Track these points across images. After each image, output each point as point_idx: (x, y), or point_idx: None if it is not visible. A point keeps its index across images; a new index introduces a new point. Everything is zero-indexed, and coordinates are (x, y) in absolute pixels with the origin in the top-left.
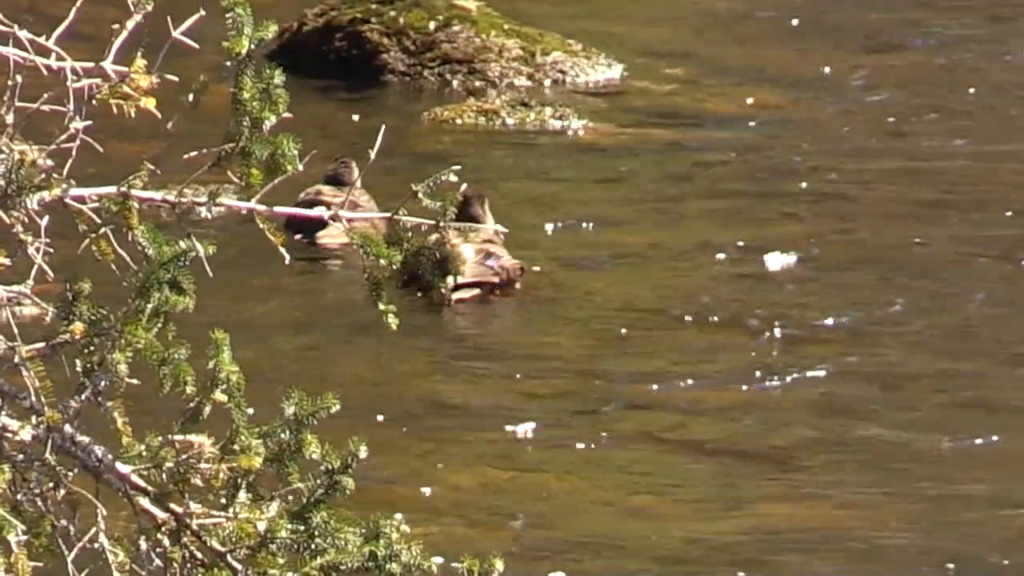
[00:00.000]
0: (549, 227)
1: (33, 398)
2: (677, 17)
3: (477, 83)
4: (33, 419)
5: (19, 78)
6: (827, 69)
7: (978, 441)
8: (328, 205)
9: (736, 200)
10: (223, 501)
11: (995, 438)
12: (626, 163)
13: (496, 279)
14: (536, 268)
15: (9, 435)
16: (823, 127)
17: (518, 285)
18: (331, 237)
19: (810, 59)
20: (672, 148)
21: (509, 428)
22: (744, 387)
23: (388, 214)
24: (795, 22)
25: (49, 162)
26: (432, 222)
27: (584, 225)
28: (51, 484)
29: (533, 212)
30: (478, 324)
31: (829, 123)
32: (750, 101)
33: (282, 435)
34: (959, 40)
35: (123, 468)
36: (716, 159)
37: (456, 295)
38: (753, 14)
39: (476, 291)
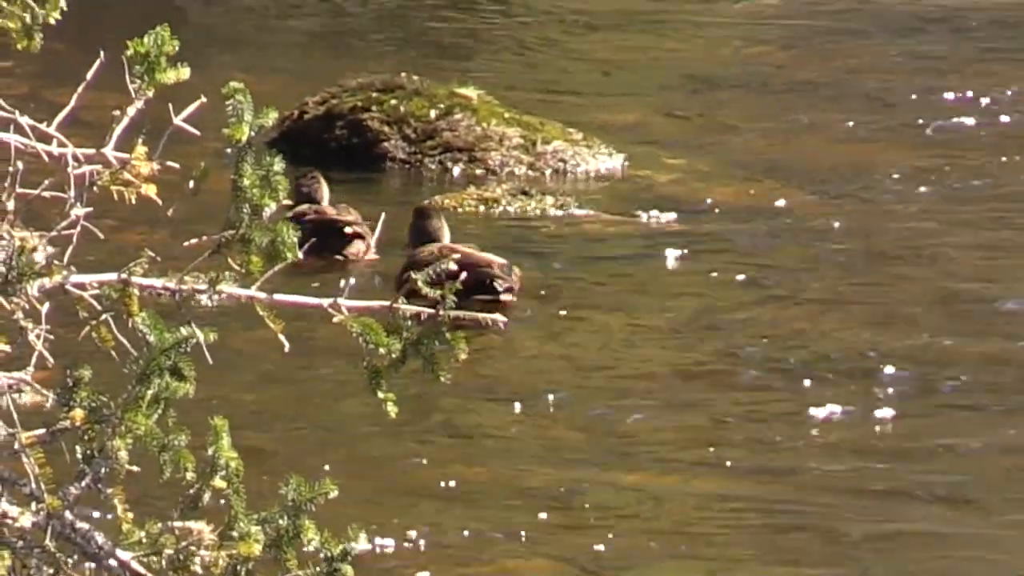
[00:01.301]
0: (550, 315)
1: (33, 484)
2: (678, 108)
3: (478, 171)
4: (33, 505)
5: (20, 164)
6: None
7: None
8: (350, 224)
9: (736, 291)
10: None
11: None
12: (626, 252)
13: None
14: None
15: (9, 521)
16: (824, 218)
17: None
18: (354, 253)
19: (812, 151)
20: (672, 237)
21: None
22: None
23: (388, 303)
24: (805, 120)
25: (50, 249)
26: (431, 310)
27: (586, 313)
28: (51, 571)
29: (536, 300)
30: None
31: (828, 215)
32: (751, 192)
33: (280, 521)
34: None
35: (123, 555)
36: (715, 248)
37: (506, 296)
38: (756, 106)
39: (512, 297)
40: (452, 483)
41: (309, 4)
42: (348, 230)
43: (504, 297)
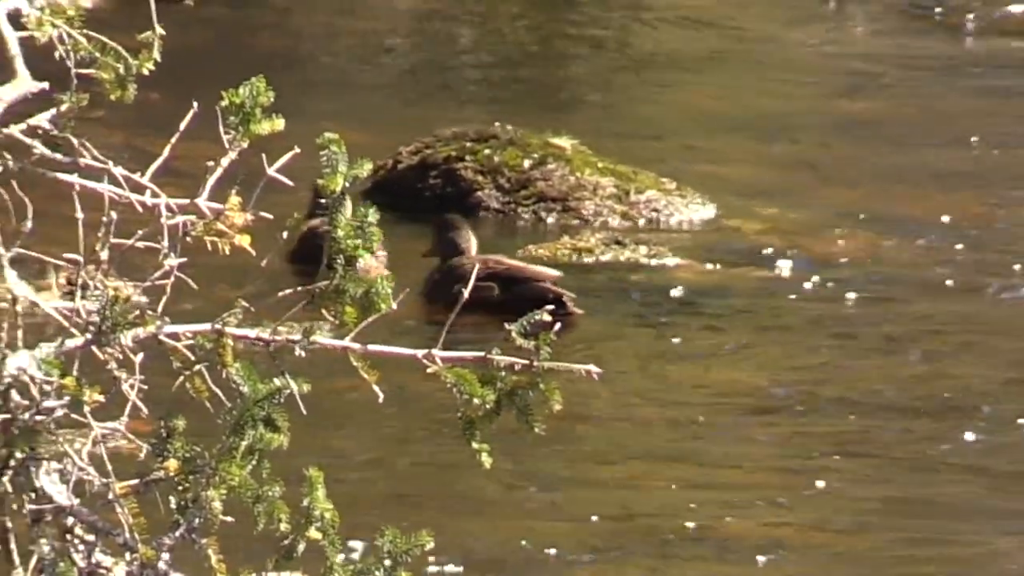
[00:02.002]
0: (642, 364)
1: (127, 534)
2: (771, 157)
3: (572, 221)
4: (127, 556)
5: (114, 214)
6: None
7: None
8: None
9: (827, 339)
10: None
11: None
12: (719, 302)
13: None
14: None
15: (103, 572)
16: (917, 269)
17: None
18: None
19: (903, 199)
20: (765, 288)
21: None
22: None
23: (481, 353)
24: (897, 167)
25: (143, 299)
26: (526, 361)
27: (676, 366)
28: None
29: (630, 351)
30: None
31: (923, 264)
32: (842, 243)
33: (377, 573)
34: None
35: None
36: (809, 300)
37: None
38: (850, 155)
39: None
40: (549, 532)
41: (403, 55)
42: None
43: (573, 309)
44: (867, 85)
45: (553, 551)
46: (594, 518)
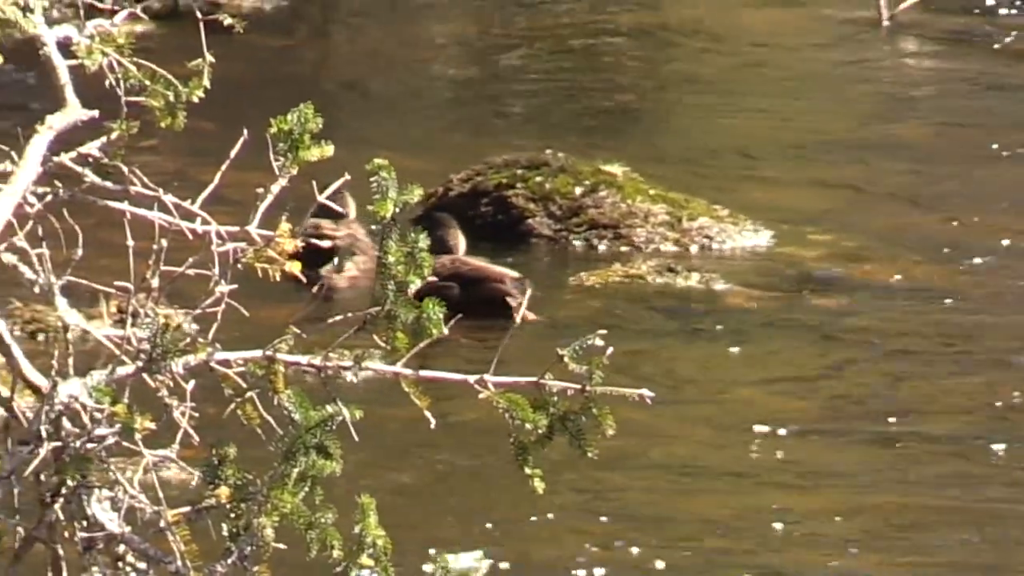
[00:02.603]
0: (694, 389)
1: (179, 562)
2: (823, 181)
3: (623, 248)
4: None
5: (164, 242)
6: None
7: None
8: (331, 238)
9: (883, 362)
10: None
11: None
12: (772, 330)
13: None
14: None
15: None
16: (973, 297)
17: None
18: (336, 273)
19: (962, 225)
20: (819, 313)
21: None
22: None
23: (534, 379)
24: (955, 191)
25: (194, 326)
26: (578, 386)
27: (730, 391)
28: None
29: (682, 376)
30: None
31: (981, 286)
32: (898, 270)
33: None
34: None
35: None
36: (862, 324)
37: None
38: (905, 179)
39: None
40: (608, 558)
41: (453, 82)
42: (326, 243)
43: (517, 315)
44: (919, 108)
45: None
46: (655, 541)
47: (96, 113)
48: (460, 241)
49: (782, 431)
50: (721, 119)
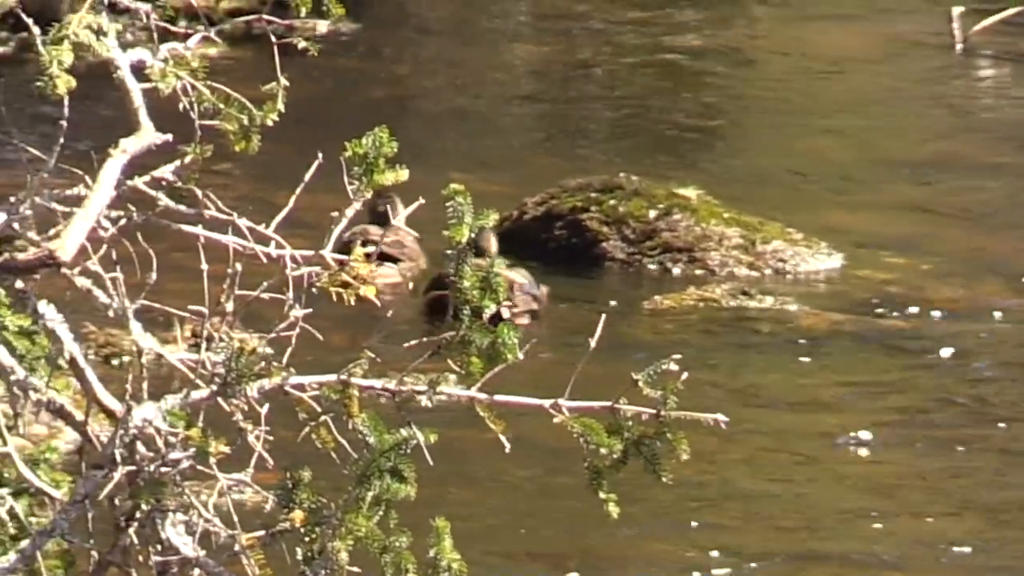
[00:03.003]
0: (769, 412)
1: None
2: (896, 204)
3: (697, 271)
4: None
5: (239, 266)
6: None
7: None
8: (376, 243)
9: (958, 386)
10: None
11: None
12: (847, 353)
13: (537, 306)
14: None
15: None
16: None
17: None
18: (384, 277)
19: None
20: (892, 338)
21: None
22: None
23: (609, 403)
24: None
25: (269, 350)
26: (653, 411)
27: (805, 414)
28: None
29: (757, 400)
30: None
31: None
32: (973, 292)
33: None
34: None
35: None
36: (938, 348)
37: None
38: (979, 201)
39: (526, 320)
40: None
41: (526, 105)
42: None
43: (505, 314)
44: (993, 130)
45: None
46: (735, 559)
47: (170, 137)
48: (492, 243)
49: (862, 450)
50: (794, 141)
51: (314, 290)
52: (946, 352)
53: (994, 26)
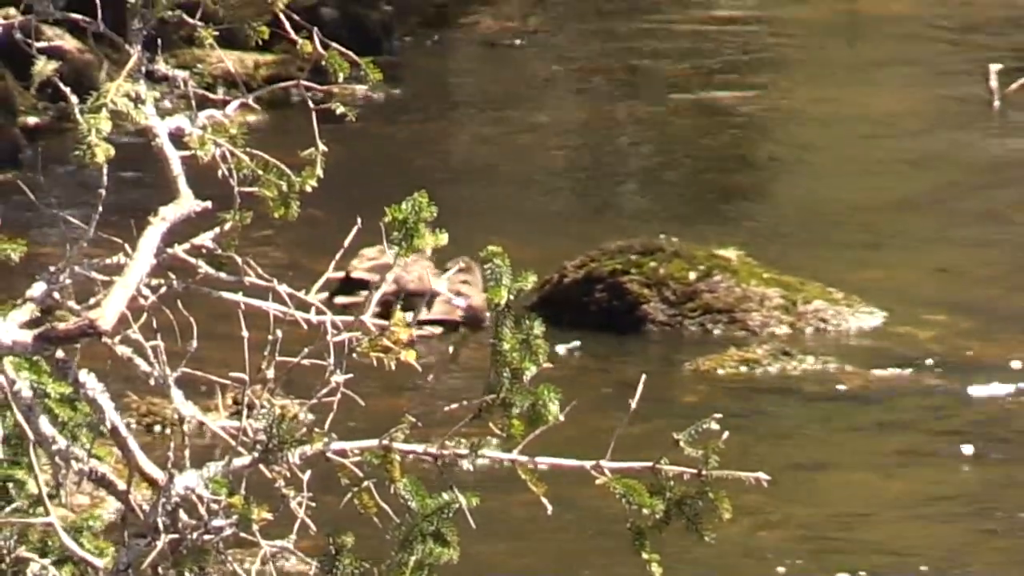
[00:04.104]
0: (812, 476)
1: None
2: (936, 262)
3: (738, 332)
4: None
5: (279, 332)
6: None
7: None
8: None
9: (999, 446)
10: None
11: None
12: (889, 410)
13: (459, 317)
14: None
15: None
16: None
17: (485, 324)
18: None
19: None
20: (935, 396)
21: None
22: None
23: (650, 464)
24: None
25: (310, 416)
26: (694, 471)
27: (848, 472)
28: None
29: (799, 457)
30: None
31: None
32: (1014, 351)
33: None
34: None
35: None
36: (981, 407)
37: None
38: (1020, 260)
39: (439, 329)
40: None
41: (565, 168)
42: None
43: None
44: None
45: None
46: None
47: (209, 204)
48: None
49: (903, 512)
50: (833, 199)
51: (355, 355)
52: (988, 410)
53: None
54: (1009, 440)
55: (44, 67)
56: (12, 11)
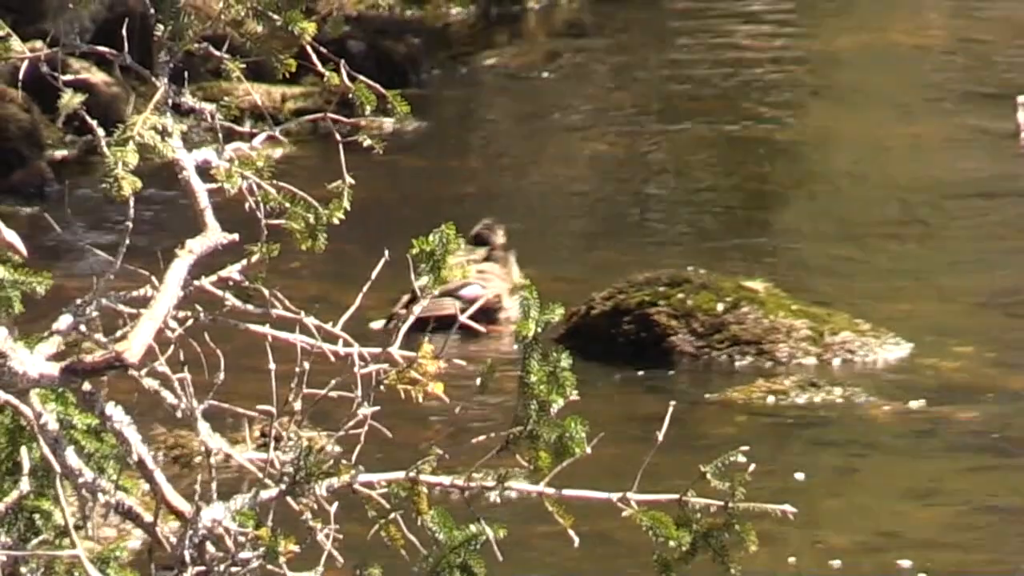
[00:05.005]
0: (840, 508)
1: None
2: (962, 293)
3: (766, 364)
4: None
5: (307, 364)
6: None
7: None
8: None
9: None
10: None
11: None
12: (915, 443)
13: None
14: None
15: None
16: None
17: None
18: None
19: None
20: (962, 427)
21: None
22: None
23: (676, 496)
24: None
25: (337, 448)
26: (721, 503)
27: (876, 504)
28: None
29: (825, 490)
30: None
31: None
32: None
33: None
34: None
35: None
36: (1010, 437)
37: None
38: None
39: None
40: None
41: (593, 201)
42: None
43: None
44: None
45: None
46: None
47: (236, 236)
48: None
49: (932, 541)
50: (859, 230)
51: (382, 387)
52: (1018, 441)
53: None
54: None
55: (71, 100)
56: (39, 44)
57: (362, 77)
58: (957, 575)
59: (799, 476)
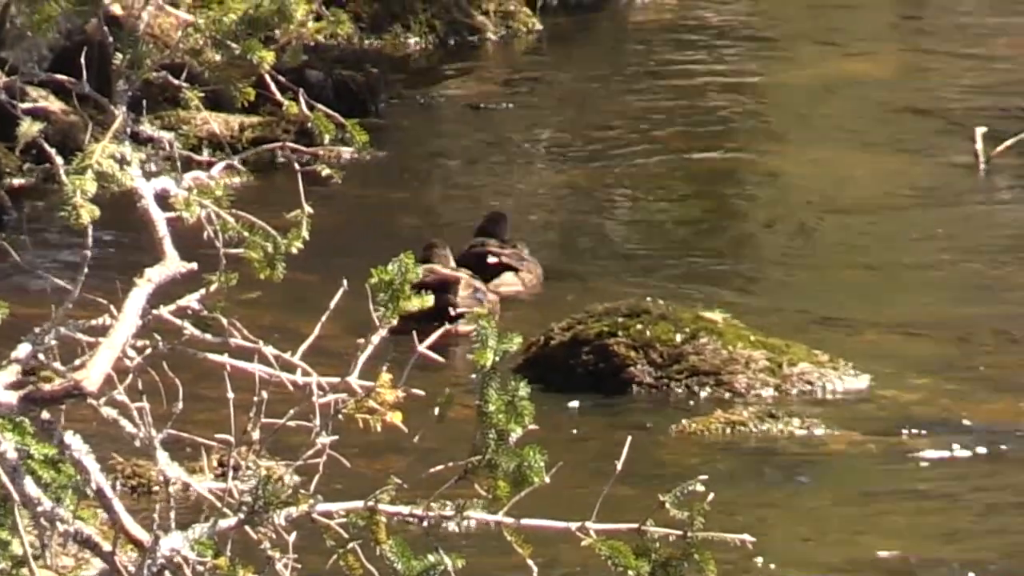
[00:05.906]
0: (796, 539)
1: None
2: (924, 325)
3: (724, 395)
4: None
5: (265, 394)
6: None
7: None
8: (497, 255)
9: (985, 510)
10: None
11: None
12: (874, 473)
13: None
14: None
15: None
16: None
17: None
18: (507, 285)
19: None
20: (920, 459)
21: None
22: None
23: (635, 525)
24: None
25: (296, 478)
26: (680, 532)
27: (833, 535)
28: None
29: (783, 520)
30: None
31: None
32: (1000, 413)
33: None
34: None
35: None
36: (968, 471)
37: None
38: (1006, 322)
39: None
40: None
41: (550, 231)
42: (492, 260)
43: (461, 326)
44: (1019, 251)
45: None
46: None
47: (195, 265)
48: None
49: (889, 575)
50: (818, 263)
51: (340, 417)
52: (975, 472)
53: (1013, 148)
54: (996, 505)
55: (29, 128)
56: None
57: (320, 106)
58: None
59: (757, 506)
